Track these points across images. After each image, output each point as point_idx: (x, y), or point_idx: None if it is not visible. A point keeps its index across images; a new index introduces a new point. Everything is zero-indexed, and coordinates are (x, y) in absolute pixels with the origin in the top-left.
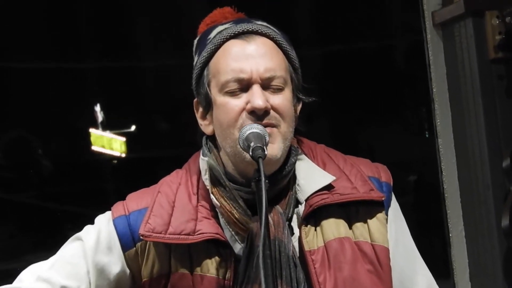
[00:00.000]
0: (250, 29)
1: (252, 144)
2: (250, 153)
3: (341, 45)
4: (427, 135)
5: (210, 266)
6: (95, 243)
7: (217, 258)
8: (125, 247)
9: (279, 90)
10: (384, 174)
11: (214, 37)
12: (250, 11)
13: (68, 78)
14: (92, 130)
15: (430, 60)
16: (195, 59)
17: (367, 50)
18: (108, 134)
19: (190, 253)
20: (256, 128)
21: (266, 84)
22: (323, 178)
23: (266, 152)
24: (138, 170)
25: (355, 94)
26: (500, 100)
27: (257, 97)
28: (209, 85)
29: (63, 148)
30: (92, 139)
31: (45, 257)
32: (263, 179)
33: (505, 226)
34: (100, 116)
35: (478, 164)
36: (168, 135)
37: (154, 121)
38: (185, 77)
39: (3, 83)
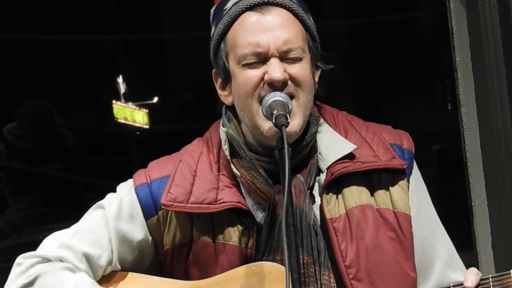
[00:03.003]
0: (266, 0)
1: (275, 112)
2: (273, 121)
3: (366, 18)
4: (449, 107)
5: (233, 235)
6: (117, 212)
7: (239, 226)
8: (147, 214)
9: (297, 60)
10: (406, 141)
11: (230, 8)
12: None
13: (90, 49)
14: (114, 102)
15: (453, 29)
16: (212, 29)
17: (391, 23)
18: (130, 106)
19: (212, 222)
20: (279, 96)
21: (284, 56)
22: (345, 146)
23: (289, 120)
24: (161, 142)
25: (378, 67)
26: None
27: (275, 69)
28: (226, 58)
29: (85, 119)
30: (115, 111)
31: (68, 227)
32: (286, 146)
33: None
34: (122, 88)
35: (501, 133)
36: (192, 107)
37: (177, 93)
38: (208, 49)
39: (27, 55)
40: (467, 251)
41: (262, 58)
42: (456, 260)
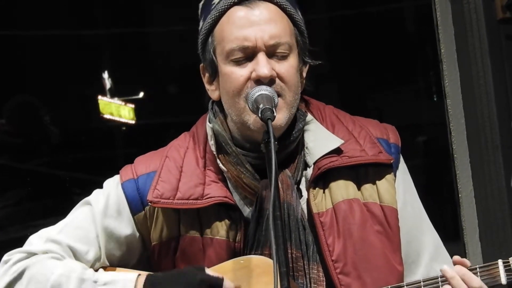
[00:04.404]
0: None
1: (261, 106)
2: (259, 115)
3: (350, 10)
4: (435, 99)
5: (220, 229)
6: (104, 208)
7: (227, 221)
8: (134, 210)
9: (284, 57)
10: (392, 135)
11: (218, 3)
12: None
13: (75, 45)
14: (100, 98)
15: (438, 21)
16: (200, 24)
17: (376, 14)
18: (116, 101)
19: (199, 217)
20: (265, 90)
21: (271, 51)
22: (332, 141)
23: (275, 114)
24: (147, 137)
25: (363, 58)
26: (509, 60)
27: (262, 66)
28: (214, 52)
29: (71, 115)
30: (101, 106)
31: (55, 223)
32: (272, 140)
33: None
34: (108, 83)
35: (487, 124)
36: (178, 102)
37: (163, 87)
38: (193, 42)
39: (12, 51)
40: (454, 242)
41: (249, 54)
42: (442, 253)
